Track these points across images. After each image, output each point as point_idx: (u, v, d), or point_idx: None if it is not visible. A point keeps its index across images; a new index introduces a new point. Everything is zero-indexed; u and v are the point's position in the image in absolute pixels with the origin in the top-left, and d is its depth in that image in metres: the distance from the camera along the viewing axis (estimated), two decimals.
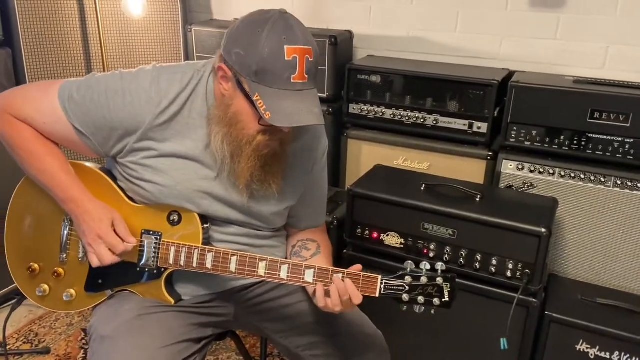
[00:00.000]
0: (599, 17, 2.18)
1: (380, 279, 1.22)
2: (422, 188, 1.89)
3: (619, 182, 1.88)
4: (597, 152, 1.91)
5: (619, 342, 1.68)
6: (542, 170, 1.98)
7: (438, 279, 1.21)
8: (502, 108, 2.06)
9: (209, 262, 1.28)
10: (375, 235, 1.89)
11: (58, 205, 1.33)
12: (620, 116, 1.85)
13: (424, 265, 1.22)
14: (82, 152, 1.35)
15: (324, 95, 2.38)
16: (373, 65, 2.28)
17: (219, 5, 2.93)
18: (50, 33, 2.40)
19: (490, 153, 2.09)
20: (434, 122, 2.17)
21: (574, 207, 1.95)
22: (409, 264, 1.23)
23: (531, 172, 2.00)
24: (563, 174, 1.95)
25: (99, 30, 2.47)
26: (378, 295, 1.22)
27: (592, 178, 1.91)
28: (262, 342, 1.86)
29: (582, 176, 1.93)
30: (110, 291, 1.35)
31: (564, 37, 2.26)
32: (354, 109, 2.31)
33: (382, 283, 1.22)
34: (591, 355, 1.72)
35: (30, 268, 1.40)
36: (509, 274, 1.71)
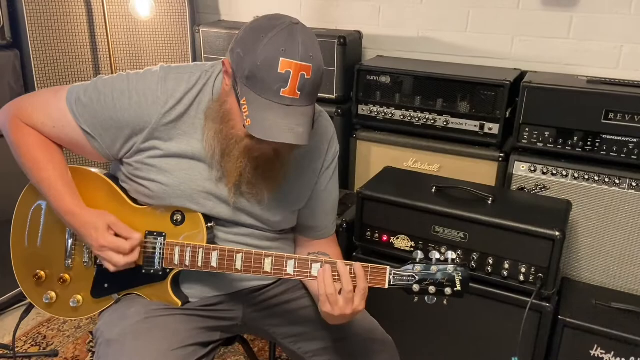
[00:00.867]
0: (613, 15, 2.14)
1: (389, 270, 1.20)
2: (433, 190, 1.86)
3: (634, 184, 1.84)
4: (611, 154, 1.88)
5: (634, 347, 1.64)
6: (555, 172, 1.95)
7: (449, 267, 1.18)
8: (514, 109, 2.03)
9: (214, 260, 1.27)
10: (385, 238, 1.87)
11: None
12: (635, 117, 1.81)
13: (434, 255, 1.20)
14: (91, 157, 1.34)
15: (333, 97, 2.36)
16: (382, 66, 2.25)
17: (227, 6, 2.92)
18: (58, 35, 2.41)
19: (502, 154, 2.06)
20: (445, 123, 2.14)
21: (588, 209, 1.92)
22: (418, 253, 1.21)
23: (544, 174, 1.97)
24: (576, 175, 1.92)
25: (106, 32, 2.47)
26: (387, 286, 1.20)
27: (607, 180, 1.88)
28: (270, 346, 1.85)
29: (596, 178, 1.89)
30: (117, 295, 1.34)
31: (577, 37, 2.22)
32: (363, 110, 2.29)
33: (391, 274, 1.20)
34: None
35: (37, 275, 1.39)
36: (521, 278, 1.69)
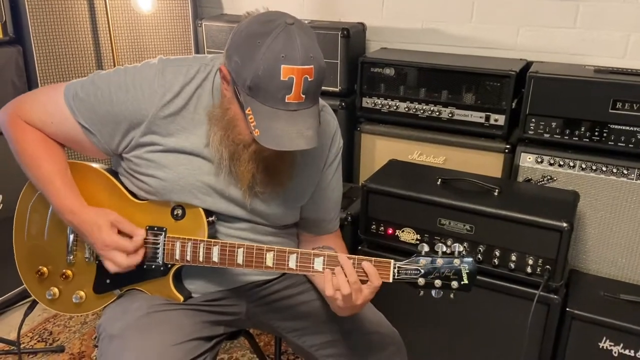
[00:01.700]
0: (620, 4, 2.11)
1: (393, 264, 1.18)
2: (438, 182, 1.85)
3: None
4: (619, 144, 1.85)
5: None
6: (562, 163, 1.93)
7: (455, 260, 1.16)
8: (520, 99, 2.01)
9: (215, 255, 1.25)
10: (390, 231, 1.86)
11: None
12: None
13: (440, 248, 1.18)
14: (90, 154, 1.33)
15: (337, 90, 2.35)
16: (386, 58, 2.23)
17: None
18: (61, 30, 2.40)
19: (508, 146, 2.04)
20: (450, 115, 2.12)
21: (596, 200, 1.90)
22: (424, 246, 1.18)
23: (551, 165, 1.94)
24: (584, 166, 1.90)
25: (108, 26, 2.46)
26: (392, 280, 1.18)
27: (614, 170, 1.86)
28: (276, 340, 1.84)
29: (604, 168, 1.87)
30: (119, 291, 1.33)
31: (583, 26, 2.19)
32: (367, 102, 2.27)
33: (395, 267, 1.18)
34: (615, 352, 1.67)
35: (39, 271, 1.39)
36: (529, 270, 1.67)
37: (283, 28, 1.09)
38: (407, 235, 1.83)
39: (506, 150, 2.04)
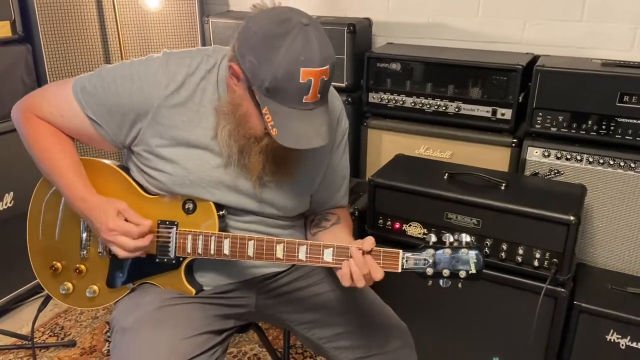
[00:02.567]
0: None
1: (401, 253, 1.19)
2: (445, 177, 1.85)
3: None
4: (626, 137, 1.85)
5: None
6: (569, 157, 1.93)
7: (462, 250, 1.17)
8: (527, 93, 2.00)
9: (226, 248, 1.27)
10: (397, 225, 1.87)
11: None
12: None
13: (447, 238, 1.19)
14: (100, 146, 1.35)
15: (343, 85, 2.35)
16: (392, 53, 2.23)
17: None
18: (69, 28, 2.42)
19: (515, 140, 2.04)
20: (456, 110, 2.13)
21: (603, 194, 1.90)
22: (431, 236, 1.20)
23: (558, 158, 1.95)
24: (591, 160, 1.89)
25: (116, 24, 2.48)
26: (400, 270, 1.19)
27: (622, 164, 1.86)
28: (284, 333, 1.86)
29: (611, 162, 1.87)
30: (132, 284, 1.35)
31: (590, 19, 2.19)
32: (374, 98, 2.27)
33: (404, 257, 1.19)
34: (622, 345, 1.68)
35: (53, 267, 1.41)
36: (536, 263, 1.68)
37: (300, 29, 1.09)
38: (414, 230, 1.84)
39: (513, 145, 2.04)
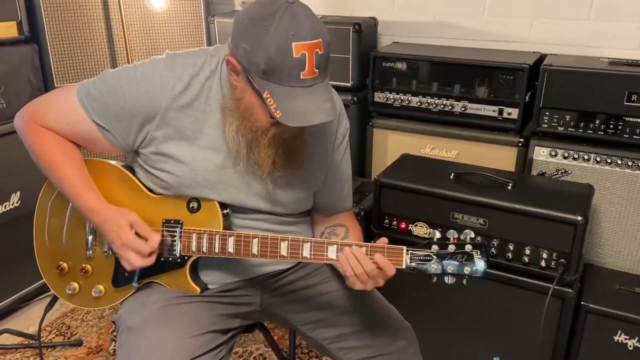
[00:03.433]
0: None
1: (405, 249, 1.19)
2: (451, 177, 1.85)
3: None
4: (634, 137, 1.84)
5: None
6: (576, 156, 1.91)
7: (467, 246, 1.17)
8: (534, 93, 1.99)
9: (230, 246, 1.27)
10: (403, 225, 1.86)
11: None
12: None
13: (452, 234, 1.19)
14: (107, 152, 1.35)
15: (349, 84, 2.35)
16: (398, 52, 2.23)
17: None
18: (75, 28, 2.43)
19: (522, 139, 2.03)
20: (462, 109, 2.12)
21: (611, 193, 1.89)
22: (436, 233, 1.19)
23: (565, 158, 1.93)
24: (598, 159, 1.88)
25: (122, 24, 2.48)
26: (405, 266, 1.19)
27: (630, 163, 1.84)
28: (290, 333, 1.86)
29: (619, 162, 1.86)
30: (137, 284, 1.35)
31: (597, 17, 2.17)
32: (379, 97, 2.27)
33: (407, 253, 1.18)
34: (630, 346, 1.67)
35: (60, 267, 1.41)
36: (543, 263, 1.67)
37: (286, 8, 1.10)
38: (420, 230, 1.84)
39: (520, 144, 2.03)
